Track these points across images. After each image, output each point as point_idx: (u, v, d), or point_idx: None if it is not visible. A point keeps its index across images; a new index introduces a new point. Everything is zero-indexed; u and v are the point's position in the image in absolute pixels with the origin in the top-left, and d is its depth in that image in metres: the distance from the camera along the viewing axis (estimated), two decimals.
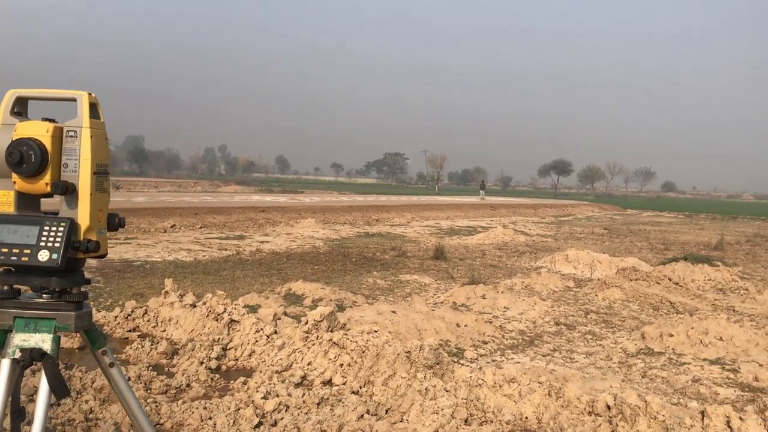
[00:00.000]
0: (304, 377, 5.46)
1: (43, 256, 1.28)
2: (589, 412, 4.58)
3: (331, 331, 6.11)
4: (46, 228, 1.31)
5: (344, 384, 5.31)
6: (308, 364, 5.66)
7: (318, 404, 4.66)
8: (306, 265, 12.55)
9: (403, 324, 7.18)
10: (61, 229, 1.30)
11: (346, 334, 5.80)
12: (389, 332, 6.58)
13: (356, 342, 5.61)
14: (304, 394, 4.79)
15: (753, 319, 9.04)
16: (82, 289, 1.42)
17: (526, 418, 4.66)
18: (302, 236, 18.09)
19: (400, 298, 9.67)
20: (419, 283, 11.11)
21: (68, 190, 1.34)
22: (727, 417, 4.34)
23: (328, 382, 5.38)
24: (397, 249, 15.48)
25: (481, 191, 58.88)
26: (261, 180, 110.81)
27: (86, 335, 1.41)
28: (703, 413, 4.42)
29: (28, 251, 1.31)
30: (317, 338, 5.89)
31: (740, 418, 4.30)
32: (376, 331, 6.03)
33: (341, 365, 5.53)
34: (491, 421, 4.59)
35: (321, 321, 6.24)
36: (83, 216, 1.36)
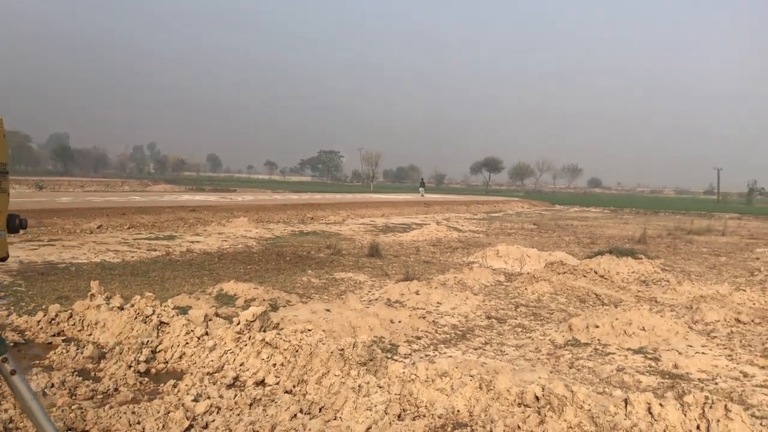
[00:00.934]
0: (236, 378, 5.38)
1: None
2: (519, 403, 4.68)
3: (264, 331, 6.04)
4: None
5: (277, 384, 5.25)
6: (240, 365, 5.57)
7: (250, 405, 4.60)
8: (238, 265, 12.37)
9: (337, 322, 7.17)
10: None
11: (279, 334, 5.75)
12: (323, 331, 6.56)
13: (289, 341, 5.57)
14: (236, 395, 4.72)
15: (673, 310, 9.44)
16: None
17: (458, 411, 4.72)
18: (234, 236, 17.81)
19: (334, 296, 9.64)
20: (354, 281, 11.12)
21: None
22: (648, 404, 4.51)
23: (261, 383, 5.31)
24: (332, 247, 15.45)
25: (420, 189, 59.68)
26: (192, 179, 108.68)
27: None
28: (626, 401, 4.59)
29: None
30: (250, 339, 5.81)
31: (660, 405, 4.48)
32: (309, 330, 6.00)
33: (274, 365, 5.47)
34: (424, 416, 4.63)
35: (253, 321, 6.16)
36: None
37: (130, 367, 5.50)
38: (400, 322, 7.61)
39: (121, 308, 6.75)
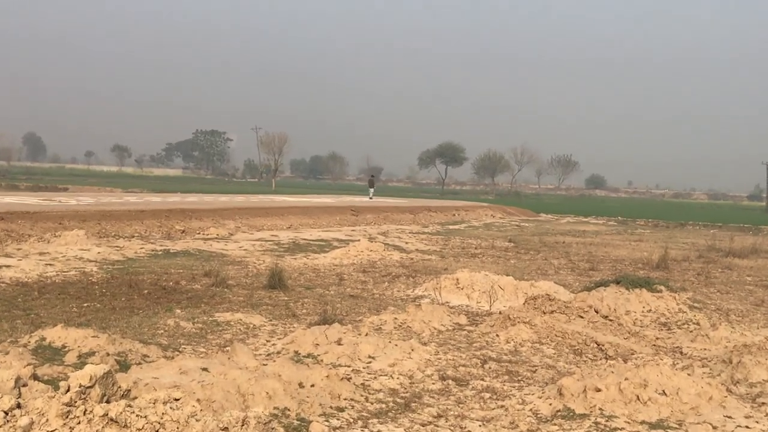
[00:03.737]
0: None
1: None
2: None
3: (108, 402, 5.91)
4: None
5: None
6: None
7: None
8: (70, 302, 12.11)
9: (219, 387, 7.09)
10: None
11: (130, 406, 5.64)
12: (198, 400, 6.46)
13: (146, 417, 5.47)
14: None
15: (706, 365, 9.72)
16: None
17: None
18: (65, 257, 17.43)
19: (216, 348, 9.55)
20: (245, 325, 11.05)
21: None
22: None
23: None
24: (212, 275, 15.29)
25: (370, 190, 60.50)
26: (0, 170, 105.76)
27: None
28: None
29: None
30: (85, 413, 5.67)
31: None
32: (177, 400, 5.89)
33: None
34: None
35: (91, 387, 6.02)
36: None
37: None
38: (313, 386, 7.58)
39: None
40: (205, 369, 7.75)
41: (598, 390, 7.80)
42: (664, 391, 7.81)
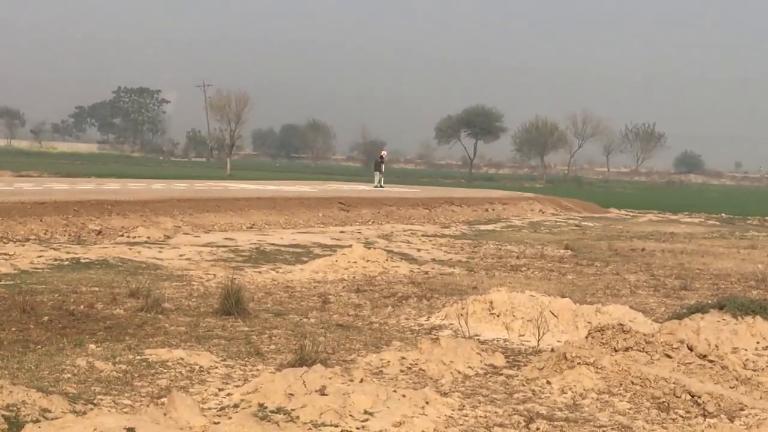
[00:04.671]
0: None
1: None
2: None
3: None
4: None
5: None
6: None
7: None
8: None
9: None
10: None
11: None
12: None
13: None
14: None
15: None
16: None
17: None
18: None
19: (146, 399, 9.54)
20: (188, 367, 11.05)
21: None
22: None
23: None
24: (141, 294, 15.29)
25: (376, 173, 60.53)
26: None
27: None
28: None
29: None
30: None
31: None
32: None
33: None
34: None
35: None
36: None
37: None
38: None
39: None
40: (130, 429, 7.75)
41: None
42: None
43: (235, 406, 9.31)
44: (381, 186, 57.51)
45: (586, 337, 12.53)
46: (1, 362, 10.73)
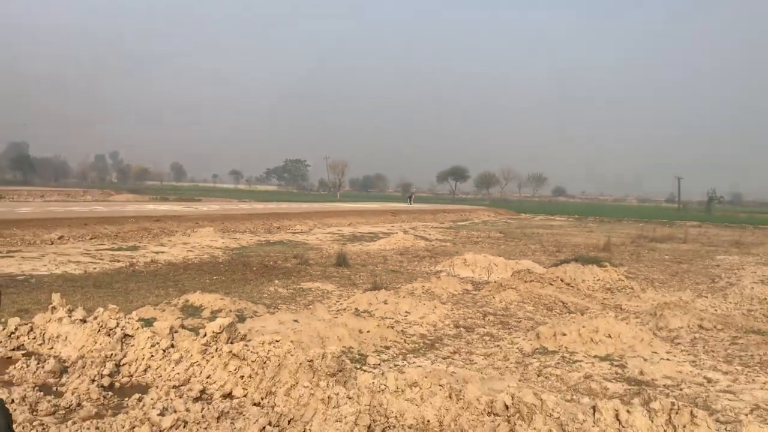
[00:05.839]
0: (203, 391, 5.30)
1: None
2: (489, 412, 4.69)
3: (231, 343, 5.96)
4: None
5: (245, 396, 5.19)
6: (207, 378, 5.49)
7: (218, 418, 4.53)
8: (204, 276, 12.22)
9: (305, 333, 7.12)
10: None
11: (246, 345, 5.68)
12: (291, 341, 6.50)
13: (257, 353, 5.51)
14: (203, 409, 4.65)
15: (638, 317, 9.60)
16: None
17: (428, 421, 4.72)
18: (200, 246, 17.60)
19: (302, 306, 9.58)
20: (322, 291, 11.07)
21: None
22: (616, 411, 4.57)
23: (229, 395, 5.24)
24: (298, 257, 15.36)
25: (408, 199, 63.16)
26: (155, 188, 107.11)
27: None
28: (594, 408, 4.64)
29: None
30: (216, 350, 5.73)
31: (627, 411, 4.54)
32: (277, 341, 5.94)
33: (242, 377, 5.40)
34: (394, 427, 4.61)
35: (220, 333, 6.08)
36: None
37: (93, 381, 5.38)
38: (368, 332, 7.59)
39: (84, 321, 6.61)
40: (295, 320, 7.79)
41: (564, 334, 7.73)
42: (610, 335, 7.72)
43: (344, 309, 9.34)
44: (411, 204, 57.67)
45: (511, 276, 12.46)
46: (234, 289, 10.82)
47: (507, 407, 4.64)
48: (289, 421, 4.55)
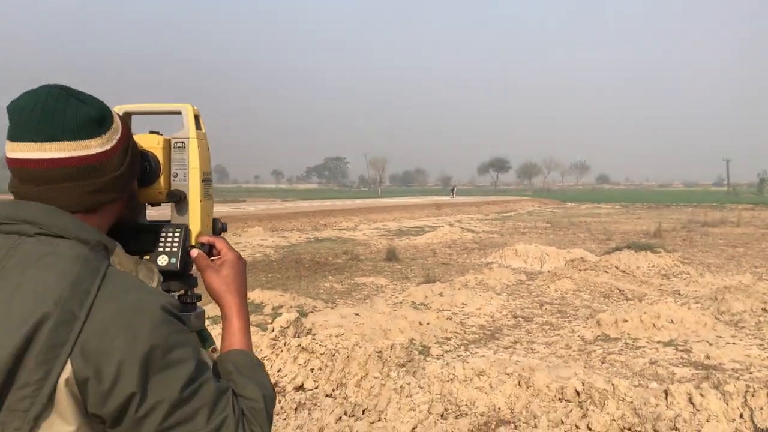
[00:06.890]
0: (275, 384, 5.45)
1: (162, 260, 1.30)
2: (560, 398, 4.73)
3: (299, 337, 6.11)
4: (163, 234, 1.33)
5: (317, 388, 5.32)
6: (278, 371, 5.64)
7: (295, 410, 4.68)
8: (259, 274, 12.46)
9: (367, 325, 7.24)
10: (177, 234, 1.33)
11: (314, 339, 5.82)
12: (355, 334, 6.63)
13: (325, 346, 5.64)
14: (279, 401, 4.79)
15: (698, 301, 9.46)
16: (196, 291, 1.44)
17: (499, 408, 4.78)
18: (251, 245, 17.91)
19: (359, 300, 9.72)
20: (376, 285, 11.18)
21: (181, 199, 1.39)
22: (689, 394, 4.56)
23: (300, 388, 5.38)
24: (348, 252, 15.52)
25: (450, 192, 63.78)
26: None
27: (198, 335, 1.41)
28: (666, 392, 4.64)
29: (147, 257, 1.33)
30: (285, 345, 5.88)
31: (701, 395, 4.53)
32: (343, 334, 6.07)
33: (312, 370, 5.54)
34: (466, 414, 4.69)
35: (287, 327, 6.24)
36: (194, 222, 1.40)
37: None
38: (428, 323, 7.67)
39: None
40: (356, 314, 7.91)
41: (625, 321, 7.68)
42: (672, 320, 7.65)
43: (401, 302, 9.43)
44: (454, 197, 57.66)
45: (565, 265, 12.38)
46: (290, 286, 11.00)
47: (578, 393, 4.68)
48: (363, 411, 4.67)
